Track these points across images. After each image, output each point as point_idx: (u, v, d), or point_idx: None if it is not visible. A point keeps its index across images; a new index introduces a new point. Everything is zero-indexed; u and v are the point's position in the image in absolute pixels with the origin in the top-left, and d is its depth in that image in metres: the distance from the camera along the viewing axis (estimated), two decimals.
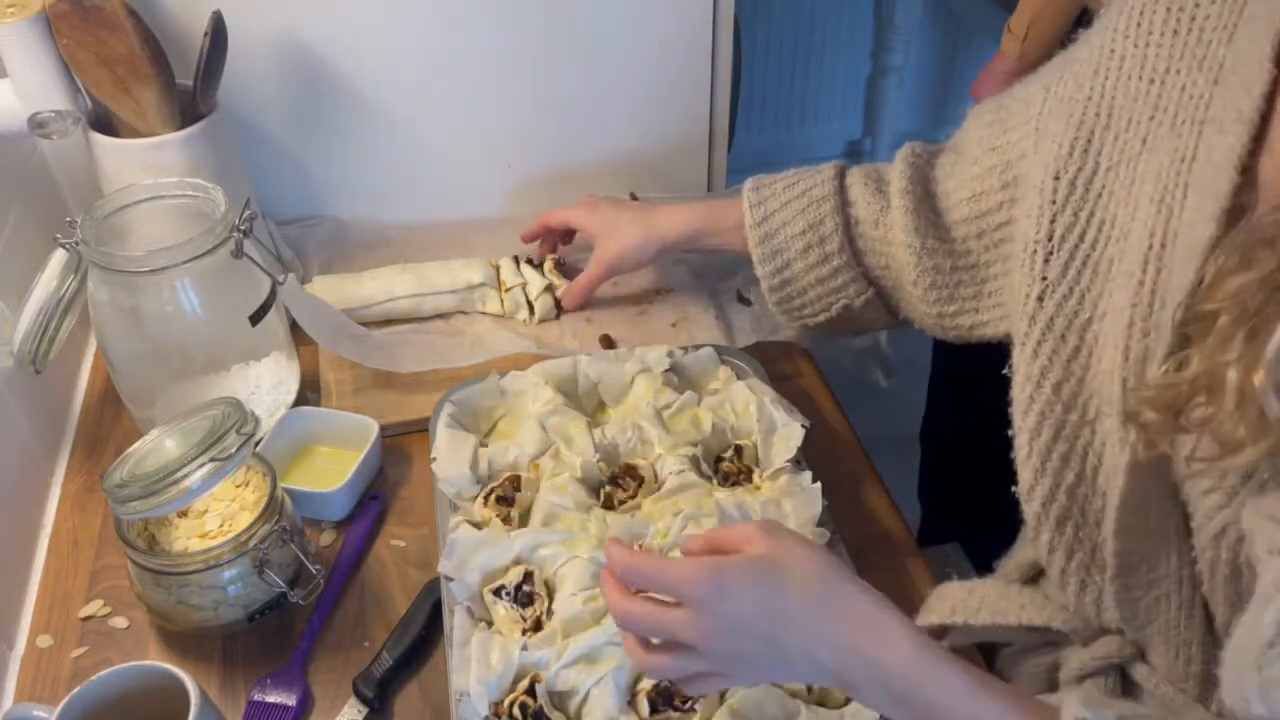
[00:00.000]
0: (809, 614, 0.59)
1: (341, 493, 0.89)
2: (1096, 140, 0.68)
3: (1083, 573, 0.69)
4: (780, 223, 0.92)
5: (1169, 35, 0.64)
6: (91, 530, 0.91)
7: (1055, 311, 0.68)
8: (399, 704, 0.78)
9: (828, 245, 0.90)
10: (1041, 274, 0.69)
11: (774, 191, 0.93)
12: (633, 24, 1.16)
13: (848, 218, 0.90)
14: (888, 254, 0.89)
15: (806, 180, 0.92)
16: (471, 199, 1.25)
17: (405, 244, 1.20)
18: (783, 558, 0.60)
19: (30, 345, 0.88)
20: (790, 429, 0.88)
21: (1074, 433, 0.67)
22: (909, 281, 0.86)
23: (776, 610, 0.58)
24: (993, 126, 0.81)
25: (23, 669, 0.81)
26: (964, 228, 0.83)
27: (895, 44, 2.42)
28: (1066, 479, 0.68)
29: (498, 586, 0.78)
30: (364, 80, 1.14)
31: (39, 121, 0.93)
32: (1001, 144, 0.79)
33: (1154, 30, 0.65)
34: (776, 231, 0.92)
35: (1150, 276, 0.62)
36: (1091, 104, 0.69)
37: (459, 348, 1.06)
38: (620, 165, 1.27)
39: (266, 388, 0.97)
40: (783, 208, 0.92)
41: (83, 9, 0.90)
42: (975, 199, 0.81)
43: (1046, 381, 0.68)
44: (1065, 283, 0.69)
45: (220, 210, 0.87)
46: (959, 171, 0.84)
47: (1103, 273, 0.67)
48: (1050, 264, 0.69)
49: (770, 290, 0.94)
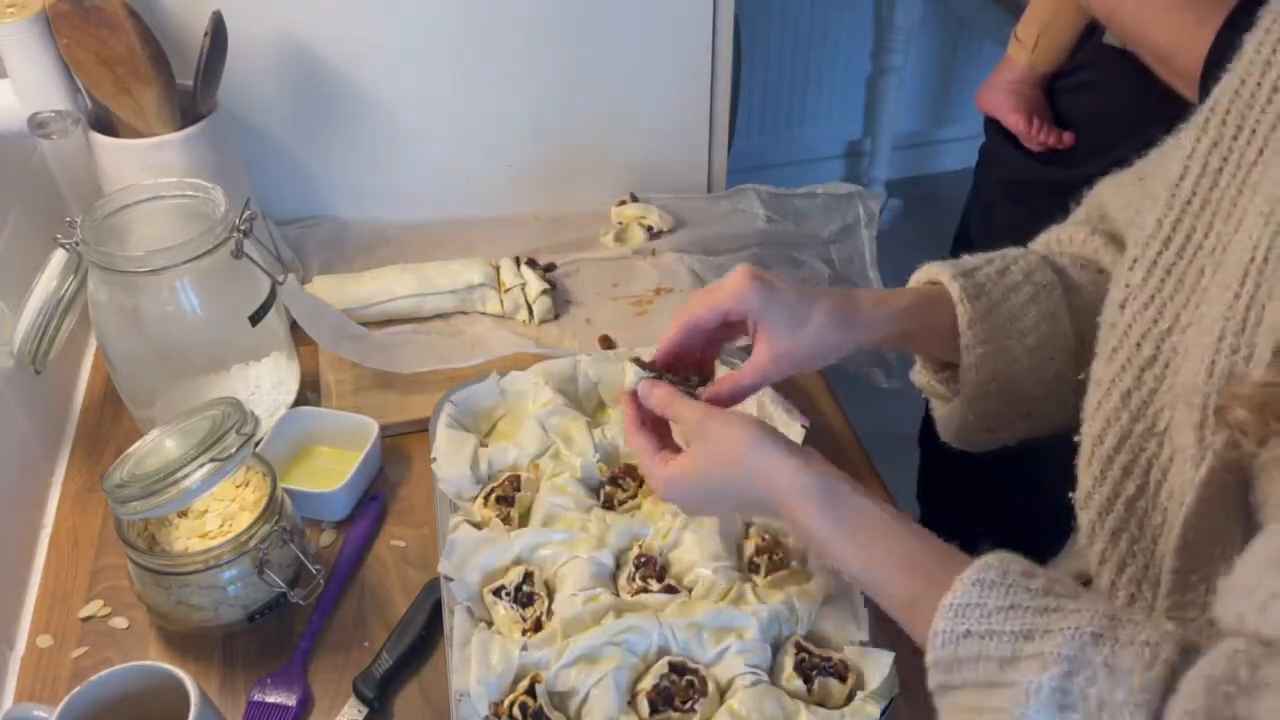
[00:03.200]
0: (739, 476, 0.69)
1: (341, 493, 0.89)
2: (1218, 157, 0.65)
3: (1133, 587, 0.67)
4: (1007, 315, 0.77)
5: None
6: (91, 530, 0.91)
7: (1134, 319, 0.67)
8: (399, 704, 0.78)
9: (1062, 340, 0.78)
10: (1124, 280, 0.68)
11: (989, 277, 0.78)
12: (633, 24, 1.16)
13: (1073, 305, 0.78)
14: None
15: (1018, 265, 0.79)
16: (471, 199, 1.25)
17: (405, 244, 1.21)
18: (713, 432, 0.70)
19: (30, 345, 0.88)
20: (790, 429, 0.88)
21: (1139, 444, 0.66)
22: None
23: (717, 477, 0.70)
24: (1144, 199, 0.74)
25: (23, 669, 0.81)
26: None
27: (895, 44, 2.42)
28: (1127, 490, 0.66)
29: (498, 586, 0.78)
30: (364, 80, 1.14)
31: (39, 121, 0.93)
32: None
33: None
34: (1003, 326, 0.77)
35: (1248, 291, 0.59)
36: (1205, 112, 0.66)
37: (459, 348, 1.06)
38: (620, 165, 1.28)
39: (266, 388, 0.97)
40: (1006, 298, 0.78)
41: (83, 9, 0.90)
42: None
43: (1116, 389, 0.66)
44: (1147, 290, 0.67)
45: (220, 210, 0.87)
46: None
47: (1189, 283, 0.65)
48: (1134, 270, 0.67)
49: (978, 398, 0.79)
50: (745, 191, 1.30)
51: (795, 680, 0.72)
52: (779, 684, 0.73)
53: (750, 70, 2.33)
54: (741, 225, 1.24)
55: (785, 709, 0.70)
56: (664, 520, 0.82)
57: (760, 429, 0.69)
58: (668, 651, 0.74)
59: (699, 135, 1.27)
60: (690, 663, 0.73)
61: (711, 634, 0.74)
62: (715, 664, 0.74)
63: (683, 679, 0.72)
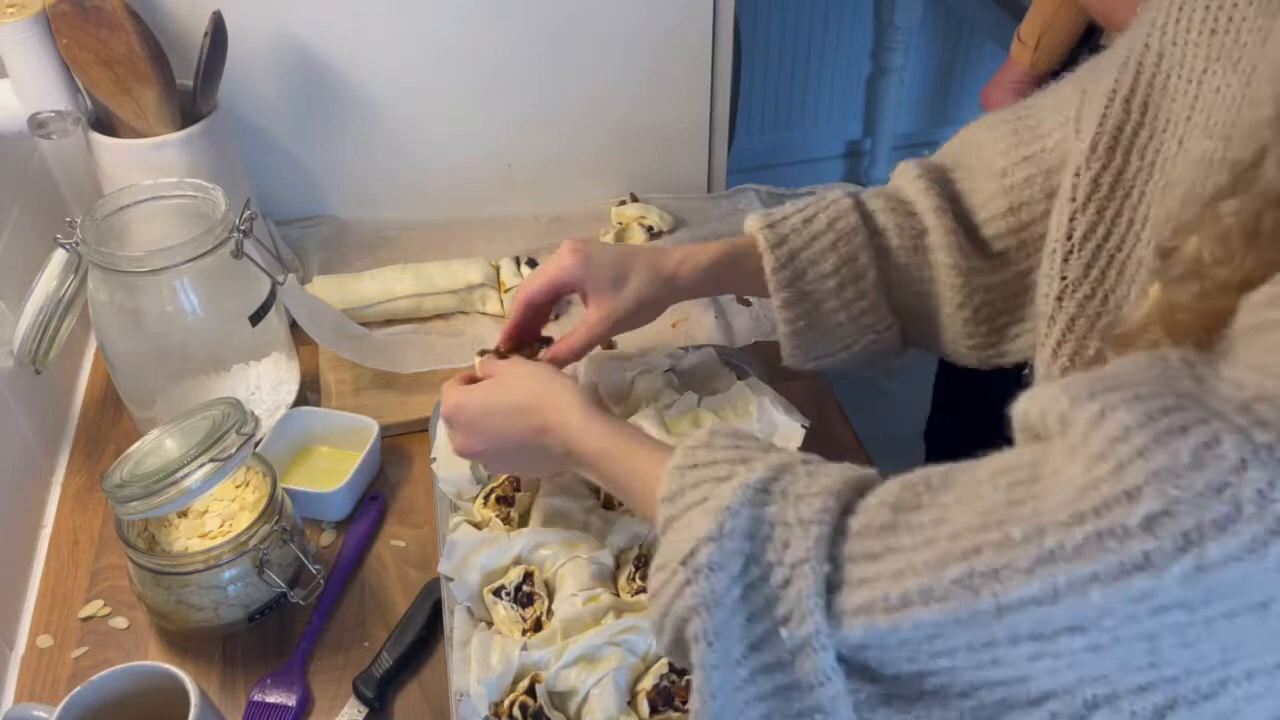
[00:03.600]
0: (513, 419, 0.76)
1: (341, 493, 0.89)
2: (1126, 137, 0.66)
3: None
4: (808, 261, 0.84)
5: (1206, 34, 0.61)
6: (91, 530, 0.91)
7: (1076, 312, 0.67)
8: (399, 704, 0.78)
9: (863, 282, 0.84)
10: (1061, 273, 0.68)
11: (792, 227, 0.85)
12: (633, 24, 1.16)
13: (879, 248, 0.84)
14: (924, 279, 0.84)
15: (825, 212, 0.85)
16: (471, 199, 1.25)
17: (405, 244, 1.21)
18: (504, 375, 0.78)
19: (30, 345, 0.88)
20: (790, 429, 0.88)
21: None
22: (952, 304, 0.83)
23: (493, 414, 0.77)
24: (1018, 135, 0.79)
25: (23, 669, 0.81)
26: (1005, 240, 0.80)
27: (895, 44, 2.42)
28: None
29: (498, 587, 0.78)
30: (364, 80, 1.14)
31: (39, 121, 0.93)
32: (1036, 152, 0.77)
33: (1192, 29, 0.62)
34: (804, 272, 0.84)
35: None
36: (1119, 99, 0.66)
37: (459, 348, 1.06)
38: (620, 165, 1.27)
39: (266, 388, 0.97)
40: (807, 245, 0.84)
41: (83, 9, 0.90)
42: (1015, 210, 0.79)
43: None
44: (1087, 283, 0.67)
45: (220, 210, 0.87)
46: (984, 186, 0.81)
47: (1129, 274, 0.65)
48: (1070, 263, 0.68)
49: (792, 335, 0.87)
50: (745, 191, 1.30)
51: None
52: None
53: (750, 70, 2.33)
54: (741, 225, 1.24)
55: None
56: None
57: (552, 370, 0.78)
58: None
59: (699, 135, 1.27)
60: None
61: None
62: None
63: (683, 679, 0.72)
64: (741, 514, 0.55)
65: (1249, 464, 0.42)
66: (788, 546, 0.53)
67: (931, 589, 0.48)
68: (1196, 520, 0.42)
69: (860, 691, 0.53)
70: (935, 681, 0.52)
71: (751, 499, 0.55)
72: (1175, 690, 0.49)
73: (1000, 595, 0.46)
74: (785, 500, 0.55)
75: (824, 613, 0.51)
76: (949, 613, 0.47)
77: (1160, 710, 0.50)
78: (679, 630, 0.56)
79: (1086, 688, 0.50)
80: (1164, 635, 0.46)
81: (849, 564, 0.52)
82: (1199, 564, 0.42)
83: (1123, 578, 0.44)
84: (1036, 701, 0.50)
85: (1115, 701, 0.50)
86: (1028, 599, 0.45)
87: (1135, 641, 0.46)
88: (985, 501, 0.49)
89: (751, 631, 0.54)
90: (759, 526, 0.55)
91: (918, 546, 0.50)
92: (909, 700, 0.53)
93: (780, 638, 0.53)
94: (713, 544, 0.54)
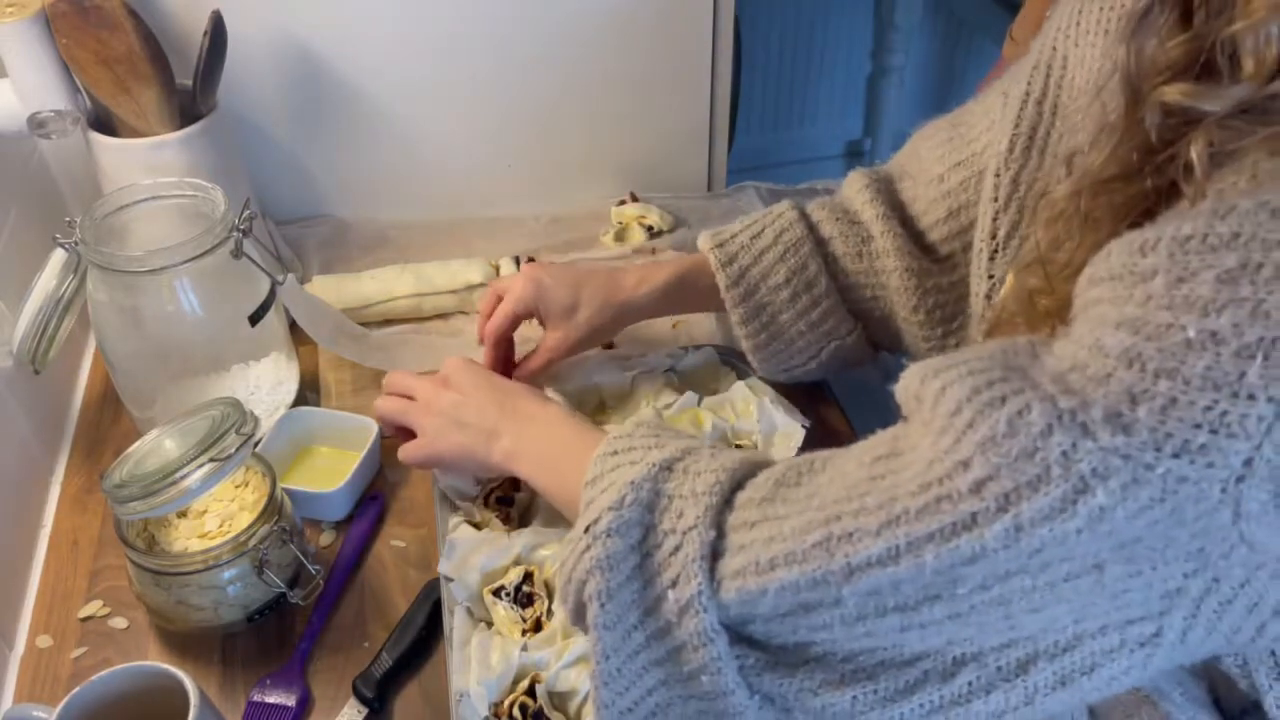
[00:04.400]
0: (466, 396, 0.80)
1: (341, 493, 0.89)
2: (1040, 138, 0.68)
3: None
4: (759, 276, 0.87)
5: (1101, 35, 0.64)
6: (91, 530, 0.90)
7: None
8: (399, 704, 0.78)
9: (816, 289, 0.87)
10: (988, 271, 0.70)
11: (741, 245, 0.88)
12: (633, 24, 1.16)
13: (826, 256, 0.87)
14: (875, 285, 0.87)
15: (771, 227, 0.88)
16: (471, 199, 1.25)
17: (405, 244, 1.20)
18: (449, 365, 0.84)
19: (30, 345, 0.88)
20: (791, 429, 0.88)
21: None
22: (906, 308, 0.85)
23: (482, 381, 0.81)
24: (952, 142, 0.81)
25: (22, 669, 0.80)
26: (950, 244, 0.82)
27: (895, 44, 2.41)
28: None
29: (497, 587, 0.78)
30: (364, 80, 1.14)
31: (39, 121, 0.93)
32: (967, 157, 0.79)
33: (1089, 29, 0.65)
34: (756, 287, 0.88)
35: None
36: (1031, 101, 0.68)
37: (459, 348, 1.06)
38: (620, 165, 1.27)
39: (266, 388, 0.97)
40: (757, 260, 0.87)
41: (82, 9, 0.90)
42: (954, 215, 0.81)
43: None
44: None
45: (220, 210, 0.87)
46: (925, 193, 0.83)
47: None
48: (996, 261, 0.70)
49: (756, 348, 0.90)
50: (745, 189, 1.30)
51: None
52: None
53: (750, 70, 2.33)
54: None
55: None
56: None
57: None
58: None
59: (699, 135, 1.27)
60: None
61: None
62: None
63: None
64: (644, 488, 0.59)
65: (1054, 429, 0.45)
66: (681, 516, 0.57)
67: (794, 552, 0.52)
68: (1014, 483, 0.46)
69: (748, 657, 0.56)
70: (818, 650, 0.55)
71: (655, 475, 0.60)
72: (1035, 646, 0.52)
73: (851, 556, 0.50)
74: (685, 476, 0.59)
75: (706, 575, 0.55)
76: (807, 574, 0.51)
77: (1023, 663, 0.53)
78: (579, 594, 0.59)
79: (954, 648, 0.53)
80: (1014, 600, 0.49)
81: (731, 533, 0.56)
82: (1016, 523, 0.46)
83: (952, 538, 0.47)
84: (910, 662, 0.54)
85: (981, 658, 0.53)
86: (874, 559, 0.49)
87: (990, 608, 0.50)
88: (851, 477, 0.53)
89: (646, 597, 0.57)
90: (658, 499, 0.59)
91: (789, 516, 0.54)
92: (793, 666, 0.56)
93: (668, 600, 0.56)
94: (613, 512, 0.58)
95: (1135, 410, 0.44)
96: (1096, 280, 0.48)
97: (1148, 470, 0.44)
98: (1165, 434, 0.43)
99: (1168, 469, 0.43)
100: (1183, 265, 0.44)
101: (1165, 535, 0.46)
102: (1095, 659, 0.52)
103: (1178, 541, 0.46)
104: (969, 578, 0.48)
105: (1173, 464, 0.43)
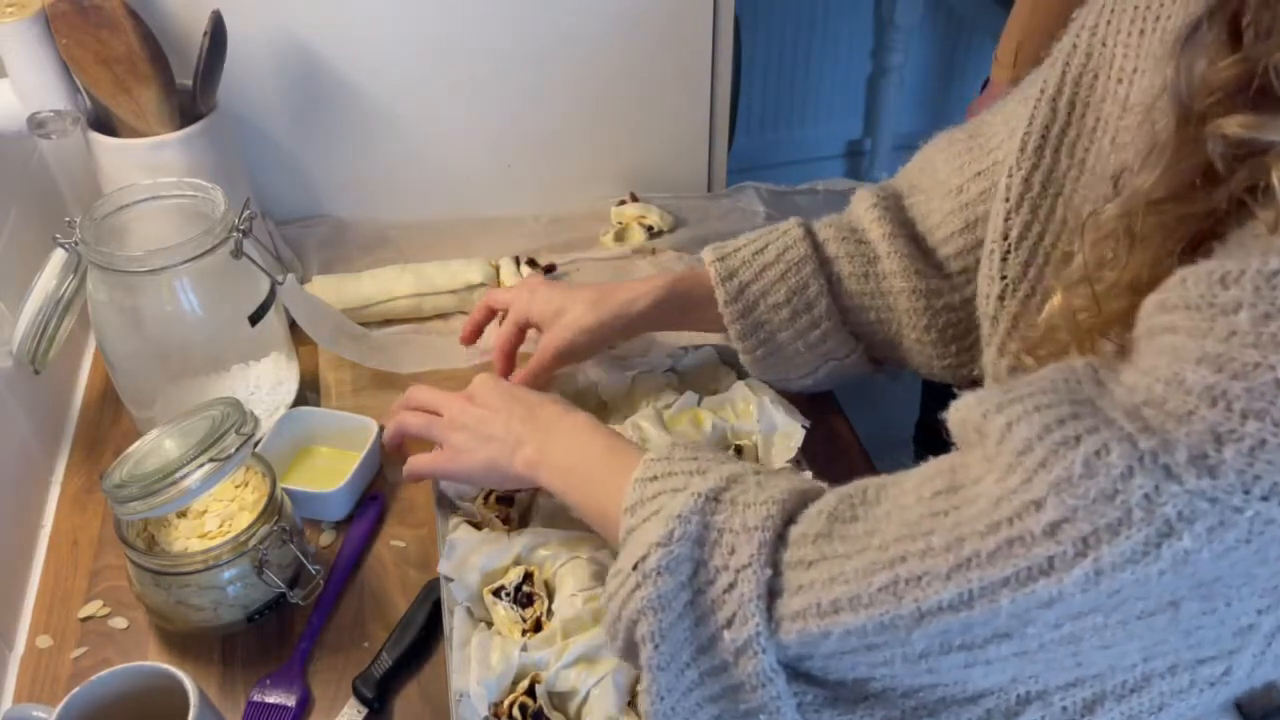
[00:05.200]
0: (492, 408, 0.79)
1: (341, 493, 0.89)
2: (1054, 136, 0.67)
3: None
4: (758, 293, 0.86)
5: (1136, 35, 0.63)
6: (91, 530, 0.90)
7: (1019, 310, 0.68)
8: (399, 704, 0.78)
9: (815, 310, 0.85)
10: (1000, 272, 0.69)
11: (742, 260, 0.87)
12: (633, 24, 1.16)
13: (830, 276, 0.85)
14: (880, 306, 0.85)
15: (775, 244, 0.86)
16: (471, 199, 1.25)
17: (405, 244, 1.20)
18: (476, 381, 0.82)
19: (30, 345, 0.88)
20: (791, 429, 0.88)
21: None
22: (916, 329, 0.83)
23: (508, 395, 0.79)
24: (971, 152, 0.79)
25: (22, 669, 0.80)
26: (963, 259, 0.81)
27: (895, 44, 2.41)
28: None
29: (497, 587, 0.78)
30: (364, 80, 1.14)
31: (39, 121, 0.93)
32: (988, 166, 0.78)
33: (1122, 29, 0.64)
34: (755, 304, 0.86)
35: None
36: (1046, 98, 0.67)
37: (459, 348, 1.06)
38: (620, 165, 1.27)
39: (266, 388, 0.97)
40: (757, 277, 0.86)
41: (82, 9, 0.90)
42: (971, 227, 0.79)
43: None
44: (1026, 281, 0.68)
45: (220, 210, 0.87)
46: (940, 205, 0.82)
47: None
48: (1009, 262, 0.69)
49: (753, 361, 0.89)
50: (745, 189, 1.30)
51: None
52: None
53: (750, 70, 2.33)
54: (741, 223, 1.24)
55: None
56: None
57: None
58: None
59: (699, 135, 1.27)
60: None
61: None
62: None
63: None
64: (691, 521, 0.57)
65: (1135, 471, 0.44)
66: (734, 552, 0.56)
67: (859, 595, 0.50)
68: (1092, 526, 0.44)
69: (805, 694, 0.55)
70: (877, 686, 0.54)
71: (702, 507, 0.57)
72: (1102, 685, 0.52)
73: (921, 601, 0.48)
74: (734, 508, 0.57)
75: (764, 616, 0.54)
76: (874, 619, 0.50)
77: (1089, 704, 0.52)
78: (630, 633, 0.58)
79: (1019, 685, 0.52)
80: (1085, 638, 0.48)
81: (787, 570, 0.54)
82: (1096, 568, 0.44)
83: (1029, 582, 0.46)
84: (973, 699, 0.53)
85: (1046, 697, 0.52)
86: (945, 604, 0.48)
87: (1059, 645, 0.49)
88: (911, 512, 0.51)
89: (699, 634, 0.56)
90: (708, 533, 0.57)
91: (849, 555, 0.52)
92: (852, 703, 0.55)
93: (724, 640, 0.55)
94: (662, 549, 0.56)
95: (1221, 452, 0.42)
96: (1168, 307, 0.47)
97: (1235, 513, 0.43)
98: (1254, 476, 0.42)
99: (1256, 511, 0.42)
100: (1269, 301, 0.42)
101: (1246, 573, 0.45)
102: (1164, 699, 0.51)
103: (1257, 579, 0.45)
104: (1042, 618, 0.47)
105: (1261, 506, 0.42)
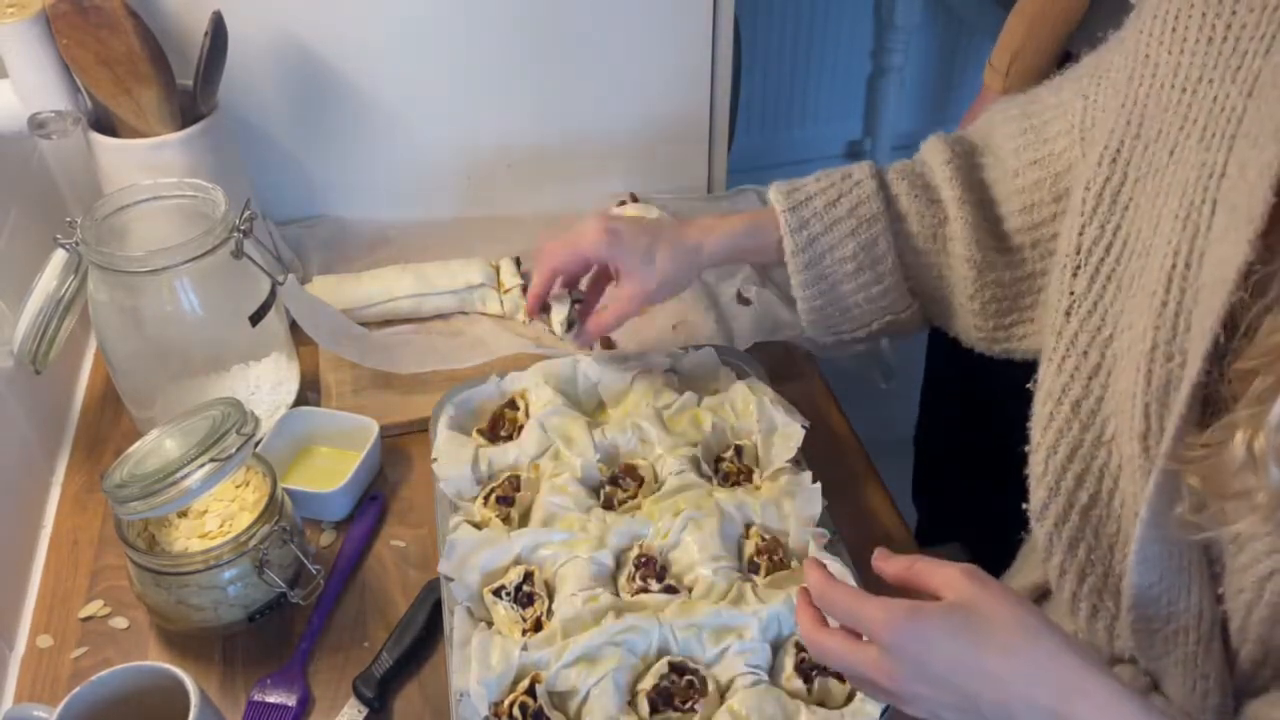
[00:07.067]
0: (1009, 675, 0.55)
1: (341, 493, 0.89)
2: (1125, 150, 0.66)
3: (1094, 598, 0.68)
4: (827, 246, 0.85)
5: (1204, 43, 0.61)
6: (91, 530, 0.91)
7: (1080, 327, 0.67)
8: (399, 704, 0.78)
9: (881, 266, 0.85)
10: (1069, 288, 0.68)
11: (814, 212, 0.85)
12: (632, 24, 1.16)
13: (899, 233, 0.85)
14: (942, 265, 0.85)
15: (849, 196, 0.85)
16: (471, 199, 1.25)
17: (405, 244, 1.21)
18: (985, 609, 0.56)
19: (30, 345, 0.88)
20: (790, 429, 0.88)
21: (1090, 452, 0.66)
22: (965, 295, 0.83)
23: (974, 668, 0.55)
24: (1026, 135, 0.79)
25: (23, 669, 0.81)
26: (1020, 236, 0.81)
27: (895, 44, 2.41)
28: (1080, 499, 0.66)
29: (498, 587, 0.78)
30: (364, 80, 1.14)
31: (39, 121, 0.93)
32: (1044, 156, 0.78)
33: (1188, 37, 0.62)
34: (823, 256, 0.85)
35: (1174, 298, 0.60)
36: (1124, 111, 0.66)
37: (459, 348, 1.06)
38: (620, 165, 1.27)
39: (266, 388, 0.97)
40: (828, 230, 0.85)
41: (82, 9, 0.90)
42: (1028, 210, 0.80)
43: (1066, 398, 0.67)
44: (1090, 297, 0.67)
45: (220, 210, 0.87)
46: (1004, 182, 0.82)
47: (1125, 289, 0.65)
48: (1078, 277, 0.68)
49: (809, 312, 0.88)
50: (745, 192, 1.30)
51: (795, 680, 0.72)
52: (779, 684, 0.73)
53: (750, 70, 2.33)
54: None
55: (785, 709, 0.70)
56: (664, 520, 0.82)
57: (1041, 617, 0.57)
58: (668, 651, 0.74)
59: (699, 135, 1.27)
60: (690, 663, 0.73)
61: (711, 634, 0.74)
62: (715, 664, 0.74)
63: (683, 679, 0.72)
64: None
65: None
66: None
67: None
68: None
69: None
70: None
71: None
72: None
73: None
74: None
75: None
76: None
77: None
78: None
79: None
80: None
81: None
82: None
83: None
84: None
85: None
86: None
87: None
88: None
89: None
90: None
91: None
92: None
93: None
94: None
95: None
96: None
97: None
98: None
99: None
100: None
101: None
102: None
103: None
104: None
105: None
